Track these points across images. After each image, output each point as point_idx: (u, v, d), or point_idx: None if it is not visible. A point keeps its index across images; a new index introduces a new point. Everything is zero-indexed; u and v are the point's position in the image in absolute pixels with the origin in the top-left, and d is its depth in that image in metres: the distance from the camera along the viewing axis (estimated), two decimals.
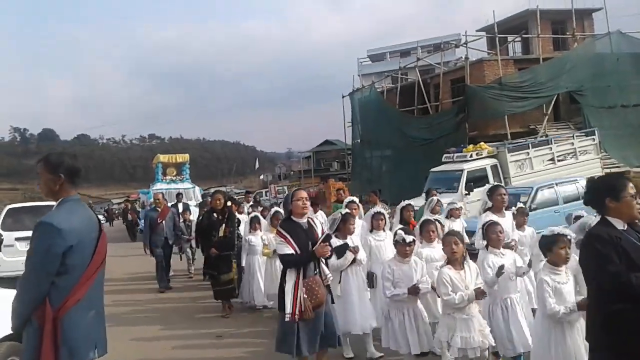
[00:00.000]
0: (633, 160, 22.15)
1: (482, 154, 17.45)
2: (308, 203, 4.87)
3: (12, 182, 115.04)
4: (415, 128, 26.68)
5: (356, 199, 8.17)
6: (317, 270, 4.75)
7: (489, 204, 6.06)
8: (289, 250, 4.62)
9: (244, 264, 8.36)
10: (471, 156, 17.38)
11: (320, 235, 4.83)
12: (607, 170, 19.97)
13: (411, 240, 5.13)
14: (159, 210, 11.20)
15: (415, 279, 4.99)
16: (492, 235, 4.91)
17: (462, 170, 16.66)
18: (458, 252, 4.54)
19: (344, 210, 6.54)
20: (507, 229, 5.56)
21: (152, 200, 23.29)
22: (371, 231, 6.41)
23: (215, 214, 8.13)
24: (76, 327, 2.87)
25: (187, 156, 27.49)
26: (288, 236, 4.66)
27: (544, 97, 23.39)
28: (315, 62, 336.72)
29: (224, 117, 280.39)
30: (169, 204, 23.00)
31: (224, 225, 8.04)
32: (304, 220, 4.80)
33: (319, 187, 34.14)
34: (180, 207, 16.87)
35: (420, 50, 39.03)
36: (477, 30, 30.52)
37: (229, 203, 8.60)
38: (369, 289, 6.13)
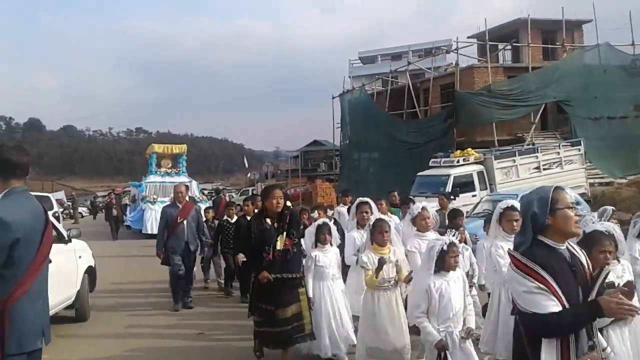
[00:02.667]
0: (616, 172, 22.46)
1: (469, 160, 17.61)
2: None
3: None
4: (403, 132, 26.79)
5: None
6: (593, 339, 2.58)
7: None
8: (554, 304, 2.46)
9: (310, 294, 5.56)
10: (458, 162, 17.52)
11: (588, 270, 2.69)
12: (591, 181, 20.26)
13: None
14: (180, 206, 8.59)
15: None
16: None
17: (448, 175, 16.77)
18: None
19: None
20: None
21: (144, 193, 22.69)
22: None
23: (268, 220, 5.39)
24: (25, 318, 2.90)
25: (184, 147, 25.32)
26: (549, 278, 2.49)
27: (532, 105, 23.62)
28: (306, 62, 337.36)
29: (212, 113, 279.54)
30: (167, 201, 22.15)
31: (284, 234, 5.34)
32: (563, 246, 2.65)
33: (306, 187, 34.20)
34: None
35: (412, 54, 39.28)
36: (468, 37, 30.69)
37: (288, 203, 5.86)
38: None
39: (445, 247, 4.17)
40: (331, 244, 5.82)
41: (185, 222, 8.43)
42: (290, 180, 44.19)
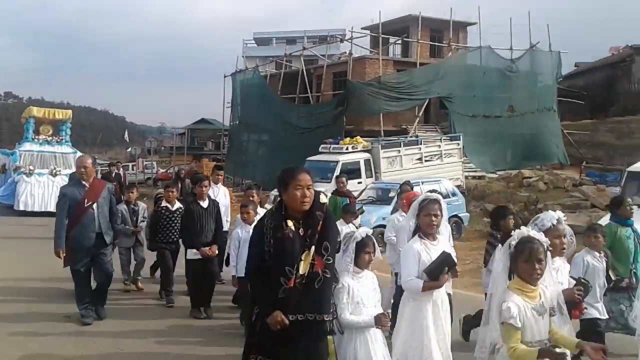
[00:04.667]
0: (489, 166, 24.15)
1: (357, 148, 18.02)
2: None
3: None
4: (295, 116, 26.85)
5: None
6: None
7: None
8: None
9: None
10: (347, 149, 17.88)
11: None
12: (466, 174, 21.60)
13: None
14: (86, 184, 6.36)
15: None
16: None
17: (337, 162, 17.04)
18: None
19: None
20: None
21: (18, 163, 19.49)
22: None
23: (290, 223, 3.32)
24: None
25: (69, 112, 22.34)
26: None
27: (417, 99, 24.67)
28: (198, 38, 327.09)
29: (93, 84, 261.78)
30: (45, 173, 19.18)
31: (311, 249, 3.29)
32: None
33: (191, 166, 33.21)
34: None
35: (307, 40, 39.40)
36: (362, 28, 31.31)
37: (322, 198, 3.46)
38: None
39: None
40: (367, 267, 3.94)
41: (95, 205, 6.33)
42: (175, 157, 42.73)
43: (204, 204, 6.85)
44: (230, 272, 6.21)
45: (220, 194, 8.12)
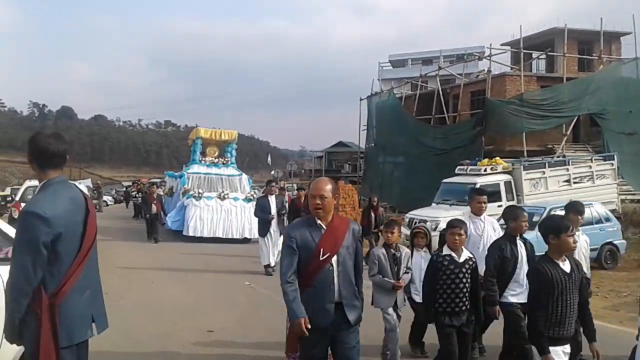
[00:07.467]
0: None
1: (496, 169, 17.18)
2: None
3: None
4: (430, 137, 26.43)
5: None
6: None
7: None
8: None
9: None
10: (485, 170, 17.10)
11: None
12: (623, 197, 19.65)
13: None
14: (323, 225, 3.69)
15: None
16: None
17: (474, 184, 16.37)
18: None
19: None
20: None
21: (187, 186, 18.24)
22: None
23: None
24: (73, 310, 2.87)
25: (235, 133, 20.78)
26: None
27: (564, 117, 23.06)
28: (335, 63, 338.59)
29: (240, 110, 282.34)
30: (214, 196, 18.02)
31: None
32: None
33: None
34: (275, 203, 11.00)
35: (443, 59, 38.81)
36: (501, 44, 30.14)
37: None
38: None
39: None
40: None
41: (335, 260, 3.65)
42: (314, 179, 44.08)
43: (566, 266, 3.78)
44: None
45: (487, 227, 5.78)
